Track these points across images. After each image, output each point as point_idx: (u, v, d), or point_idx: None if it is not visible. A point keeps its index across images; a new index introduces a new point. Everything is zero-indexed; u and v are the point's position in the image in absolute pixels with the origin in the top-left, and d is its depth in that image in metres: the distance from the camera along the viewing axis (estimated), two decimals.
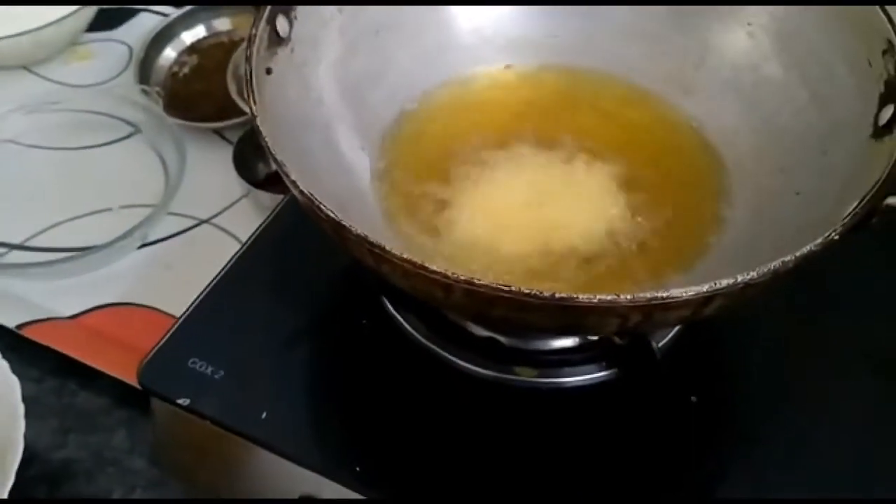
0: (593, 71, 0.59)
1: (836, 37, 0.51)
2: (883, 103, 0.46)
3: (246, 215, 0.70)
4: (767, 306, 0.52)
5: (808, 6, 0.52)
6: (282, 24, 0.50)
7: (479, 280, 0.38)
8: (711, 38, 0.56)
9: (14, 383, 0.55)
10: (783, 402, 0.52)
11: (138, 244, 0.68)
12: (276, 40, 0.49)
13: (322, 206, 0.41)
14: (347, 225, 0.40)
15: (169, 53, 0.81)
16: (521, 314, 0.40)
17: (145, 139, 0.75)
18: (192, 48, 0.81)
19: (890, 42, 0.47)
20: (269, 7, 0.49)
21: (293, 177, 0.42)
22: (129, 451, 0.58)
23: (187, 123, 0.73)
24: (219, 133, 0.75)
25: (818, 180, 0.48)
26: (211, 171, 0.72)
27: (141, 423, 0.58)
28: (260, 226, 0.60)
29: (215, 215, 0.71)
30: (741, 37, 0.55)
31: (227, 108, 0.73)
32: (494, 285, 0.38)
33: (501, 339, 0.53)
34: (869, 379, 0.53)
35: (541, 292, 0.37)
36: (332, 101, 0.53)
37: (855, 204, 0.41)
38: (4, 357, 0.56)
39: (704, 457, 0.51)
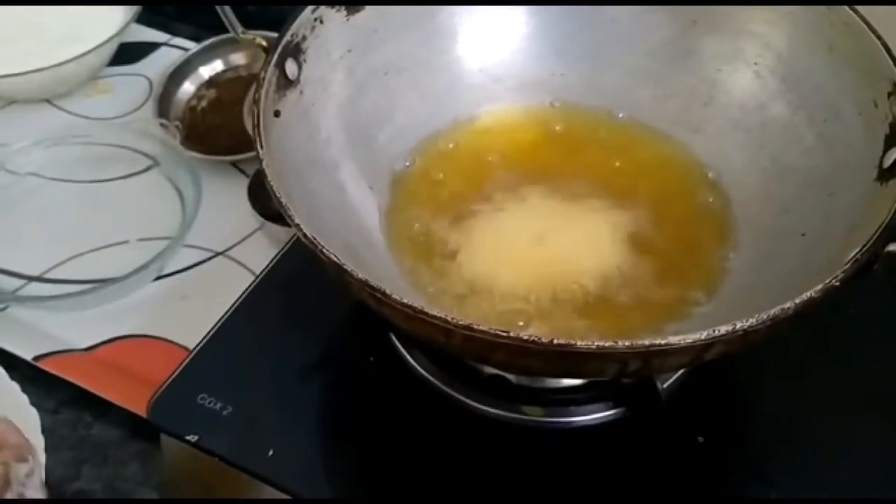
0: (601, 110, 0.59)
1: (843, 77, 0.51)
2: (888, 146, 0.46)
3: (260, 248, 0.70)
4: (776, 346, 0.52)
5: (814, 47, 0.52)
6: (291, 67, 0.50)
7: (478, 326, 0.38)
8: (719, 78, 0.57)
9: (34, 416, 0.56)
10: (793, 444, 0.52)
11: (154, 276, 0.69)
12: (285, 83, 0.50)
13: (325, 250, 0.41)
14: (349, 269, 0.40)
15: (188, 87, 0.82)
16: (520, 359, 0.40)
17: (163, 172, 0.76)
18: (211, 82, 0.83)
19: (895, 83, 0.47)
20: (277, 51, 0.49)
21: (297, 220, 0.42)
22: (141, 483, 0.58)
23: (204, 156, 0.74)
24: (235, 165, 0.76)
25: (824, 222, 0.48)
26: (227, 204, 0.73)
27: (153, 455, 0.59)
28: (271, 261, 0.61)
29: (230, 247, 0.71)
30: (748, 76, 0.55)
31: (243, 141, 0.74)
32: (493, 331, 0.38)
33: (509, 377, 0.53)
34: (880, 417, 0.53)
35: (539, 338, 0.38)
36: (341, 142, 0.54)
37: (856, 250, 0.40)
38: (23, 389, 0.57)
39: (712, 498, 0.51)
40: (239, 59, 0.84)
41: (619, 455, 0.52)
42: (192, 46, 0.84)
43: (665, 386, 0.51)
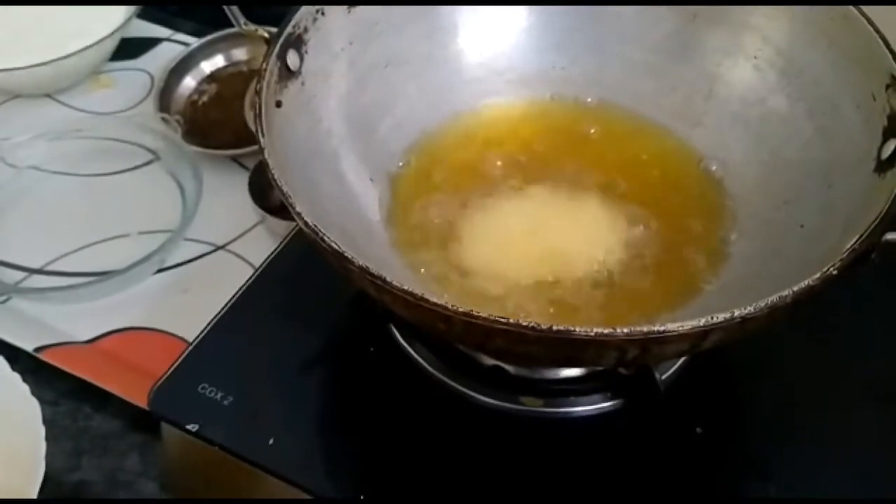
0: (601, 103, 0.59)
1: (841, 70, 0.51)
2: (886, 137, 0.47)
3: (260, 242, 0.71)
4: (775, 336, 0.52)
5: (813, 41, 0.52)
6: (292, 58, 0.51)
7: (478, 312, 0.38)
8: (719, 72, 0.57)
9: (35, 406, 0.56)
10: (792, 434, 0.52)
11: (155, 269, 0.69)
12: (287, 74, 0.50)
13: (326, 238, 0.41)
14: (350, 256, 0.41)
15: (189, 82, 0.82)
16: (519, 346, 0.40)
17: (164, 166, 0.76)
18: (212, 77, 0.83)
19: (892, 76, 0.47)
20: (279, 42, 0.50)
21: (298, 208, 0.42)
22: (141, 474, 0.59)
23: (205, 151, 0.75)
24: (236, 160, 0.76)
25: (823, 213, 0.49)
26: (227, 198, 0.73)
27: (153, 446, 0.59)
28: (271, 253, 0.61)
29: (230, 241, 0.71)
30: (748, 70, 0.56)
31: (244, 136, 0.74)
32: (492, 317, 0.38)
33: (508, 367, 0.53)
34: (881, 408, 0.53)
35: (538, 325, 0.38)
36: (341, 134, 0.54)
37: (854, 240, 0.41)
38: (23, 380, 0.58)
39: (710, 489, 0.51)
40: (240, 54, 0.84)
41: (618, 446, 0.52)
42: (194, 41, 0.84)
43: (664, 377, 0.51)
